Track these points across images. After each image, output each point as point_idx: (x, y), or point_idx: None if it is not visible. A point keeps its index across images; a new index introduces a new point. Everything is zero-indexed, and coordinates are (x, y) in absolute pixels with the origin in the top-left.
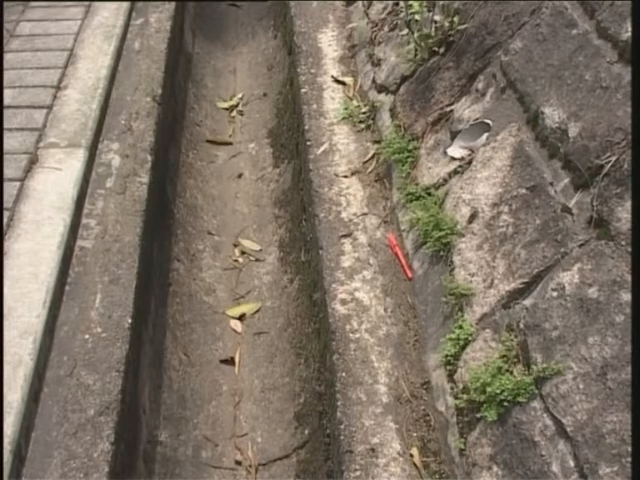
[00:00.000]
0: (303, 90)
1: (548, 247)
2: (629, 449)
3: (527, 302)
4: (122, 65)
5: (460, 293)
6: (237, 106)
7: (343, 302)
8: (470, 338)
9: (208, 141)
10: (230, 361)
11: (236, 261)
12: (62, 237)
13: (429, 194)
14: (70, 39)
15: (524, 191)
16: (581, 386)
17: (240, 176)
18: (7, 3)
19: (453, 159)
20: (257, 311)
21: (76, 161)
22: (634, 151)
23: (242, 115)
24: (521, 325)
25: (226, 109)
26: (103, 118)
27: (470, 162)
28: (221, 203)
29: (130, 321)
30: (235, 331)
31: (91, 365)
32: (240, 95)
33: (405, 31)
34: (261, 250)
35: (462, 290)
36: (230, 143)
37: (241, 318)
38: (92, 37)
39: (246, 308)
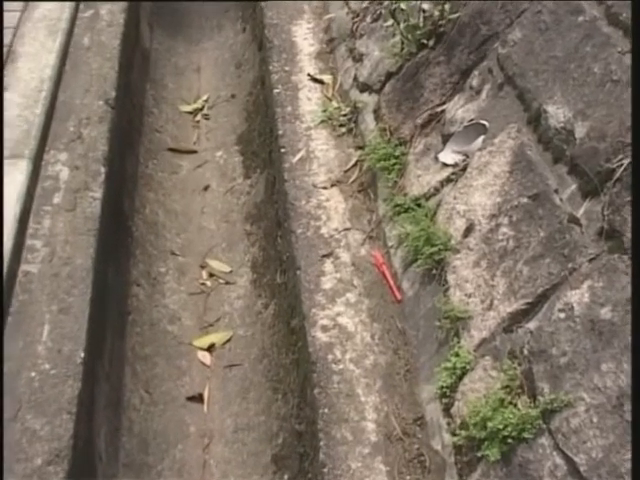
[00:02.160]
0: (276, 90)
1: (554, 263)
2: None
3: (531, 325)
4: (69, 64)
5: (456, 316)
6: (202, 109)
7: (324, 329)
8: (468, 367)
9: (170, 149)
10: (198, 398)
11: (203, 285)
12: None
13: (419, 205)
14: (8, 34)
15: (526, 200)
16: (595, 419)
17: (206, 188)
18: None
19: (445, 165)
20: (228, 341)
21: (19, 174)
22: (634, 151)
23: (208, 119)
24: (525, 351)
25: (190, 113)
26: (49, 125)
27: (464, 169)
28: (186, 219)
29: (83, 355)
30: (203, 364)
31: (38, 407)
32: (205, 97)
33: (390, 22)
34: (231, 272)
35: (458, 313)
36: (195, 151)
37: (210, 349)
38: (34, 32)
39: (215, 338)
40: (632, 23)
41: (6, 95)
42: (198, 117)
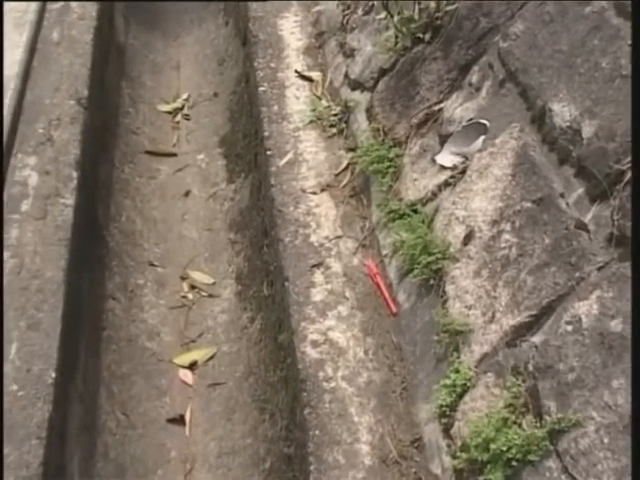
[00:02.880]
0: (261, 88)
1: (560, 272)
2: None
3: (536, 339)
4: (38, 60)
5: (455, 330)
6: (182, 109)
7: (315, 344)
8: (469, 384)
9: (148, 152)
10: (179, 420)
11: (184, 298)
12: None
13: (415, 211)
14: None
15: (529, 205)
16: (606, 440)
17: (187, 194)
18: None
19: (443, 168)
20: (211, 358)
21: None
22: (634, 151)
23: (188, 120)
24: (530, 367)
25: (169, 113)
26: (16, 126)
27: (464, 171)
28: (165, 227)
29: (54, 375)
30: (185, 383)
31: (5, 431)
32: (185, 95)
33: (383, 14)
34: (215, 283)
35: (458, 326)
36: (174, 154)
37: (192, 367)
38: None
39: (198, 355)
40: (632, 23)
41: None
42: (178, 117)
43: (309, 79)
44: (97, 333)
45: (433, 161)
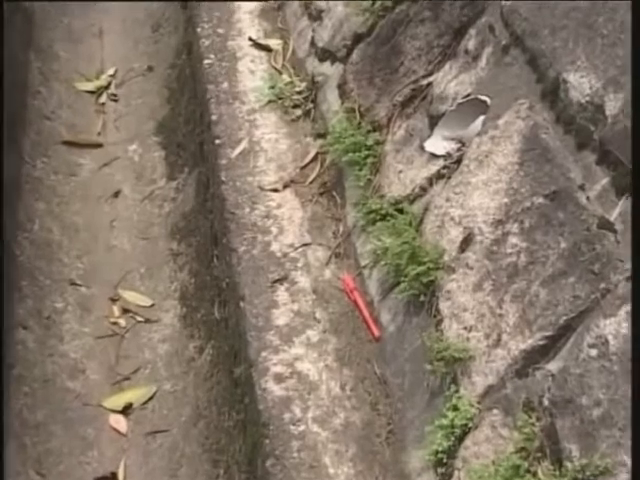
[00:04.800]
0: (207, 61)
1: (581, 282)
2: None
3: (553, 366)
4: None
5: (452, 357)
6: (107, 88)
7: (279, 378)
8: (470, 424)
9: (66, 142)
10: (111, 479)
11: (115, 324)
12: None
13: (400, 211)
14: None
15: (541, 200)
16: None
17: (117, 194)
18: None
19: (434, 157)
20: (150, 399)
21: None
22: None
23: (116, 101)
24: (546, 401)
25: (91, 92)
26: None
27: (459, 160)
28: (89, 236)
29: None
30: (117, 432)
31: None
32: (111, 71)
33: None
34: (153, 306)
35: (455, 352)
36: (100, 145)
37: (126, 411)
38: None
39: (133, 396)
40: (632, 23)
41: None
42: (103, 98)
43: (266, 48)
44: (4, 372)
45: (422, 148)
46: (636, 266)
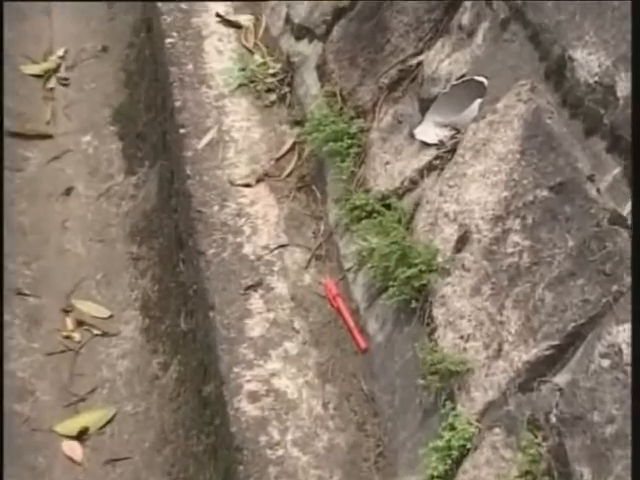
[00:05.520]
0: (169, 40)
1: (590, 284)
2: None
3: (560, 379)
4: None
5: (448, 370)
6: (57, 70)
7: (253, 397)
8: (469, 445)
9: (10, 134)
10: None
11: (69, 338)
12: None
13: (388, 207)
14: None
15: (546, 193)
16: None
17: (69, 192)
18: None
19: (426, 146)
20: (109, 422)
21: None
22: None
23: (67, 86)
24: (552, 419)
25: (38, 76)
26: None
27: (454, 149)
28: (38, 240)
29: None
30: (72, 460)
31: None
32: (61, 51)
33: None
34: (111, 317)
35: (451, 365)
36: (49, 136)
37: (81, 437)
38: None
39: (89, 419)
40: (632, 23)
41: None
42: (51, 83)
43: (236, 25)
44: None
45: (411, 136)
46: (636, 267)
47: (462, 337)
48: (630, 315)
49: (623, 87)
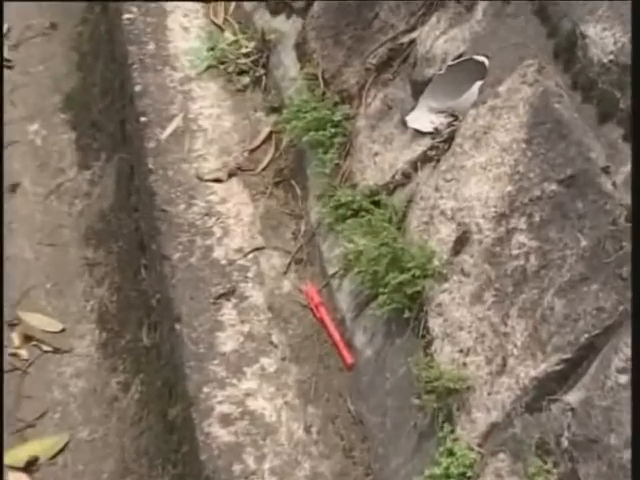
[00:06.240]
0: (128, 16)
1: (605, 290)
2: None
3: (572, 397)
4: None
5: (446, 388)
6: None
7: (226, 420)
8: (470, 473)
9: None
10: None
11: (15, 356)
12: None
13: (378, 204)
14: None
15: (555, 187)
16: None
17: (15, 189)
18: None
19: (419, 134)
20: (61, 451)
21: None
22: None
23: (10, 68)
24: (564, 442)
25: None
26: None
27: (451, 139)
28: None
29: None
30: None
31: None
32: (4, 29)
33: None
34: (64, 331)
35: (449, 382)
36: None
37: (30, 468)
38: None
39: (39, 447)
40: (632, 23)
41: None
42: None
43: None
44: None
45: (403, 124)
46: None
47: (461, 351)
48: None
49: None
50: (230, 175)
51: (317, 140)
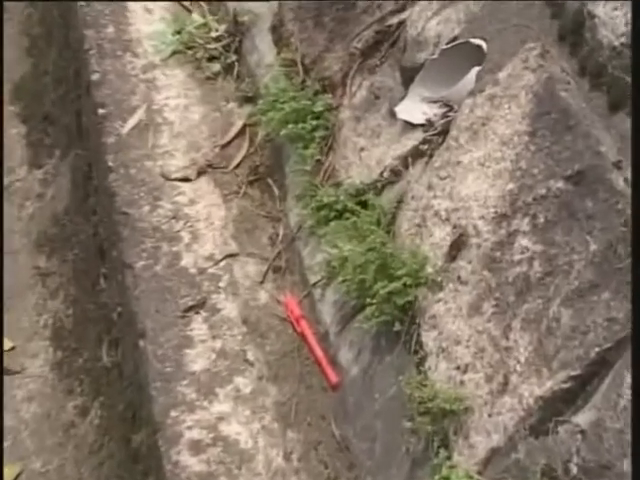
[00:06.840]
0: None
1: (617, 299)
2: None
3: (582, 418)
4: None
5: (441, 409)
6: None
7: (196, 448)
8: None
9: None
10: None
11: None
12: None
13: (364, 204)
14: None
15: (561, 185)
16: None
17: None
18: None
19: (410, 127)
20: None
21: None
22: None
23: None
24: (573, 468)
25: None
26: None
27: (445, 131)
28: None
29: None
30: None
31: None
32: None
33: None
34: (14, 349)
35: (445, 403)
36: None
37: None
38: None
39: None
40: (632, 24)
41: None
42: None
43: None
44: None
45: (392, 115)
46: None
47: (458, 367)
48: None
49: None
50: (199, 173)
51: (296, 134)
